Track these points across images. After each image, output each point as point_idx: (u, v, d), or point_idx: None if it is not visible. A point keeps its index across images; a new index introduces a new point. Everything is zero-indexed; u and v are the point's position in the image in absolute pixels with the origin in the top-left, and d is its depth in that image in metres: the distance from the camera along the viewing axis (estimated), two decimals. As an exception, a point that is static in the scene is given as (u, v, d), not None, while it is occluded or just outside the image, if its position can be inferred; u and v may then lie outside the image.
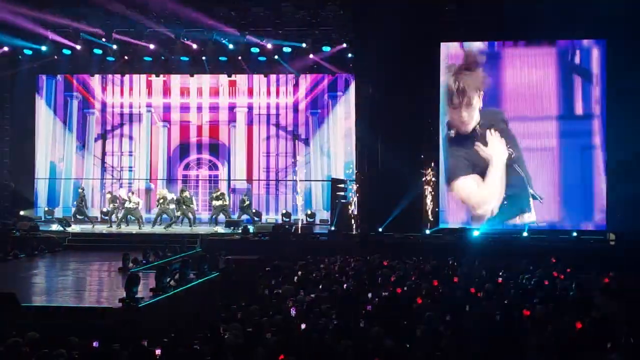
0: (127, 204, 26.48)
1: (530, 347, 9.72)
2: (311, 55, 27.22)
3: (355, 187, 25.55)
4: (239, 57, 27.60)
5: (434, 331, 10.37)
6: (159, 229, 26.12)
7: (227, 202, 27.22)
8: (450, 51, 25.82)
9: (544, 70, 25.23)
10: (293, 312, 12.55)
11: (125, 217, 26.59)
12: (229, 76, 29.17)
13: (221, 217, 26.93)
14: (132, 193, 27.17)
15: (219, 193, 27.18)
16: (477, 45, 25.65)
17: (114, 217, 27.07)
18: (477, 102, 25.40)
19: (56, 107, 30.14)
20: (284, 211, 27.79)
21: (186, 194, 26.63)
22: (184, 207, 26.30)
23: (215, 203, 26.92)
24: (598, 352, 9.35)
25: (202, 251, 22.09)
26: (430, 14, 24.79)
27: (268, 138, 29.76)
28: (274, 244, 23.13)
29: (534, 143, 25.16)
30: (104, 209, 28.44)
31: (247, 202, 27.28)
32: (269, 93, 29.65)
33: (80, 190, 28.05)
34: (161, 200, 26.67)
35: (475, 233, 23.78)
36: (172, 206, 26.60)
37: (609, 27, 24.01)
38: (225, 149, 30.00)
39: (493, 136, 25.19)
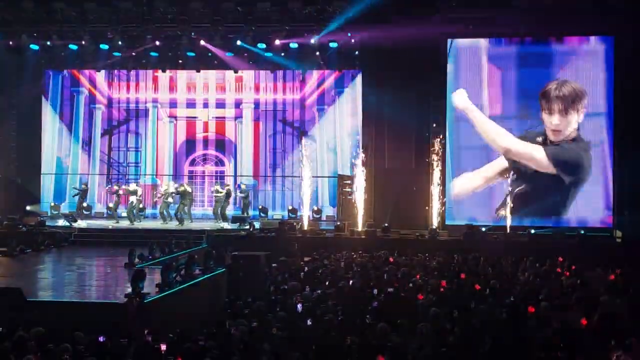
0: (132, 198, 26.47)
1: (535, 344, 9.71)
2: (318, 52, 27.24)
3: (361, 184, 25.43)
4: (246, 53, 27.64)
5: (440, 328, 10.36)
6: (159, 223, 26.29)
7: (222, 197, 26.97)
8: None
9: (551, 67, 25.23)
10: (299, 308, 12.56)
11: (132, 212, 26.56)
12: (236, 72, 29.16)
13: (229, 212, 26.83)
14: (137, 185, 27.21)
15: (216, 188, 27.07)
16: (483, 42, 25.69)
17: (119, 212, 27.08)
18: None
19: (62, 103, 30.17)
20: (290, 207, 27.76)
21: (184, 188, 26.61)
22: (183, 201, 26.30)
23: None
24: (603, 349, 9.34)
25: (208, 247, 22.08)
26: (437, 10, 24.76)
27: (274, 134, 29.76)
28: (280, 240, 23.12)
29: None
30: (110, 205, 28.45)
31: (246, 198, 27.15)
32: (275, 89, 29.64)
33: (83, 186, 27.98)
34: (164, 194, 26.67)
35: (482, 230, 23.73)
36: (171, 199, 26.58)
37: (616, 24, 23.97)
38: (231, 145, 30.01)
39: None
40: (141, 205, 27.54)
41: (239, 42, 26.93)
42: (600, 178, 24.65)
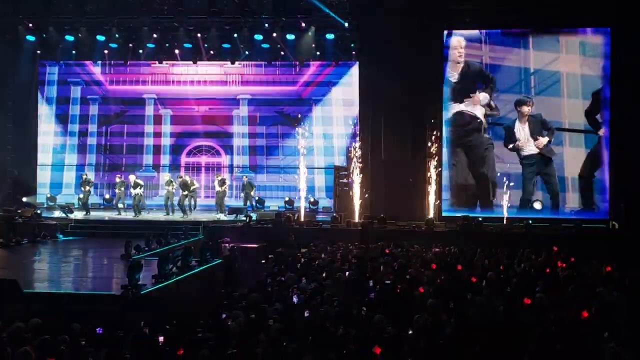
0: (137, 190, 26.35)
1: (531, 335, 9.72)
2: (314, 43, 27.22)
3: (358, 175, 25.43)
4: (242, 45, 27.62)
5: (437, 319, 10.36)
6: (158, 215, 26.25)
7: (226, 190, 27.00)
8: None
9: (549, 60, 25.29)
10: (295, 299, 12.56)
11: (138, 204, 26.49)
12: (232, 63, 29.11)
13: (228, 203, 26.81)
14: (137, 178, 27.14)
15: (220, 179, 27.07)
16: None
17: (119, 203, 26.99)
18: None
19: (59, 94, 30.14)
20: (286, 198, 27.76)
21: (186, 179, 26.62)
22: (187, 192, 26.26)
23: (218, 189, 26.83)
24: (598, 341, 9.36)
25: (205, 238, 22.08)
26: (433, 2, 24.75)
27: (271, 126, 29.74)
28: (276, 231, 23.11)
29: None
30: (107, 196, 28.43)
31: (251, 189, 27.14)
32: (272, 80, 29.61)
33: (84, 176, 27.87)
34: (168, 187, 26.61)
35: (479, 221, 23.72)
36: (173, 191, 26.56)
37: (613, 15, 23.97)
38: (228, 137, 30.00)
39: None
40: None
41: (235, 34, 26.98)
42: (598, 170, 24.69)
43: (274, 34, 26.82)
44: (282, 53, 28.06)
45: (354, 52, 27.50)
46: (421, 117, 25.78)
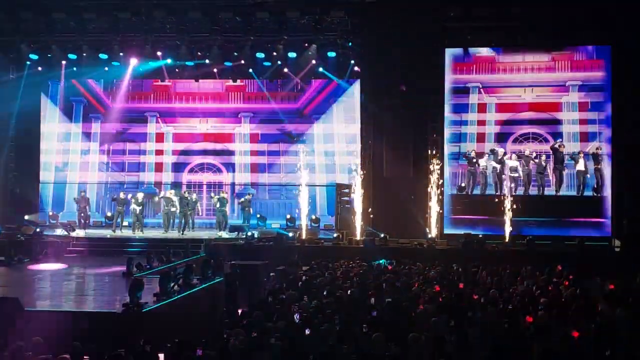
0: (137, 208, 26.36)
1: (533, 353, 9.69)
2: (315, 61, 27.28)
3: (360, 192, 25.39)
4: (244, 62, 27.70)
5: (438, 337, 10.33)
6: (161, 233, 26.19)
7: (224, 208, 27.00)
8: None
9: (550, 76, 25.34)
10: (297, 317, 12.53)
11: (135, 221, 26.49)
12: (234, 81, 29.19)
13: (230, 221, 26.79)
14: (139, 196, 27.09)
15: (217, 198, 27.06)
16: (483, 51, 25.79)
17: (118, 220, 26.98)
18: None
19: (62, 112, 30.17)
20: (288, 216, 27.71)
21: (186, 194, 26.68)
22: (187, 208, 26.28)
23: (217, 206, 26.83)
24: (600, 358, 9.34)
25: (206, 256, 22.03)
26: (434, 20, 24.82)
27: (272, 143, 29.76)
28: (278, 249, 23.08)
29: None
30: (108, 214, 28.41)
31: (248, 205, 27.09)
32: (273, 98, 29.65)
33: (82, 193, 27.87)
34: (164, 203, 26.60)
35: (480, 238, 23.66)
36: (173, 209, 26.53)
37: (614, 33, 24.02)
38: (229, 154, 30.01)
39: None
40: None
41: (236, 52, 27.09)
42: (600, 187, 24.64)
43: (276, 52, 26.91)
44: (285, 70, 28.14)
45: (355, 69, 27.56)
46: (423, 134, 25.79)
